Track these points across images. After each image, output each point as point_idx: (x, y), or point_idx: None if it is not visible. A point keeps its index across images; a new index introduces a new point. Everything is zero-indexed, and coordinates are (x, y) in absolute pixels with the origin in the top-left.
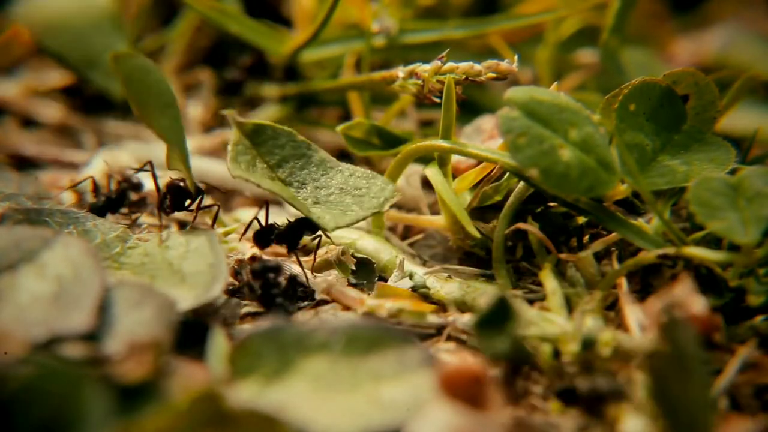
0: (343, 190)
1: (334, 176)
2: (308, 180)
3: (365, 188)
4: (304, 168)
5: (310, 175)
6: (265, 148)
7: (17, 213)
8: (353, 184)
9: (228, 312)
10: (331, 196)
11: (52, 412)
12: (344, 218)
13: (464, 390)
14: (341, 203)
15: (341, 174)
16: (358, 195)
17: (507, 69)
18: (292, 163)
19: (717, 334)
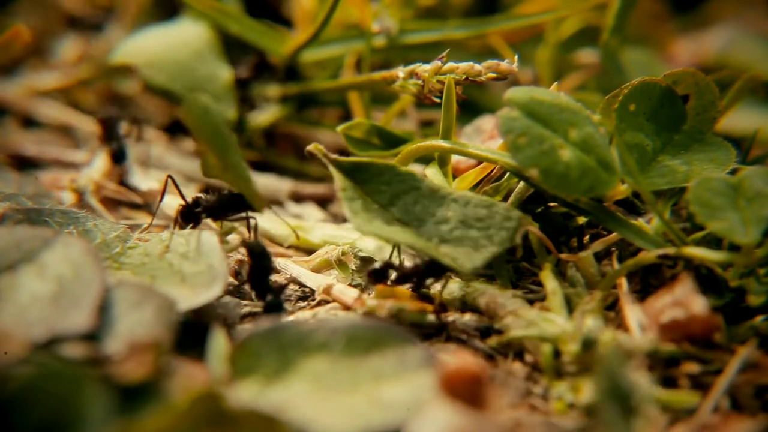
0: (465, 223)
1: (450, 207)
2: (425, 215)
3: (487, 218)
4: (417, 202)
5: (426, 210)
6: (371, 187)
7: (17, 213)
8: (473, 214)
9: (228, 312)
10: (454, 231)
11: (52, 412)
12: (479, 256)
13: (464, 390)
14: (468, 238)
15: (457, 204)
16: (483, 227)
17: (507, 69)
18: (404, 199)
19: (717, 334)
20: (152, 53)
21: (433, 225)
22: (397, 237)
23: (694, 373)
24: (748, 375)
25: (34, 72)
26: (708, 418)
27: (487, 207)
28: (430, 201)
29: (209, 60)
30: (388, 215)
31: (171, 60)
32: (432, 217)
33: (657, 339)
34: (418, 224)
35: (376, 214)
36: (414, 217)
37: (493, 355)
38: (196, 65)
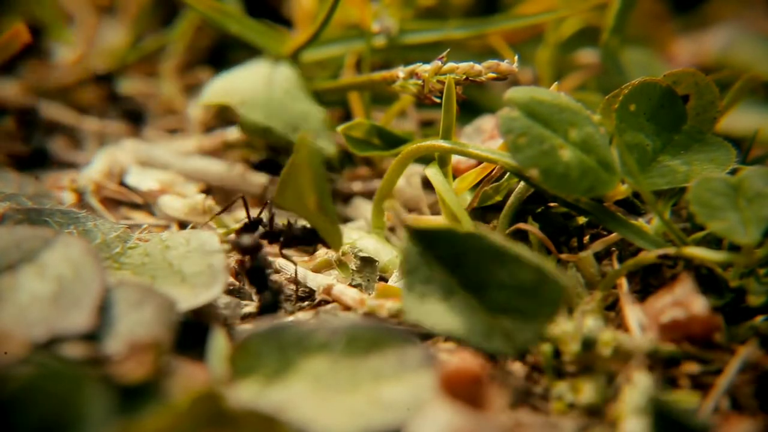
0: (519, 290)
1: (507, 270)
2: (487, 279)
3: (537, 284)
4: (479, 266)
5: (487, 273)
6: (437, 251)
7: (18, 213)
8: (524, 279)
9: (228, 312)
10: (510, 299)
11: (53, 412)
12: (529, 331)
13: (464, 390)
14: (520, 308)
15: (512, 266)
16: (533, 295)
17: (507, 69)
18: (467, 262)
19: (717, 334)
20: (245, 92)
21: (494, 291)
22: (451, 325)
23: (694, 373)
24: (748, 375)
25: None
26: (708, 418)
27: (537, 272)
28: (492, 263)
29: (301, 98)
30: (451, 282)
31: (265, 98)
32: (493, 282)
33: (657, 339)
34: (480, 293)
35: (435, 287)
36: (477, 282)
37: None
38: (289, 103)
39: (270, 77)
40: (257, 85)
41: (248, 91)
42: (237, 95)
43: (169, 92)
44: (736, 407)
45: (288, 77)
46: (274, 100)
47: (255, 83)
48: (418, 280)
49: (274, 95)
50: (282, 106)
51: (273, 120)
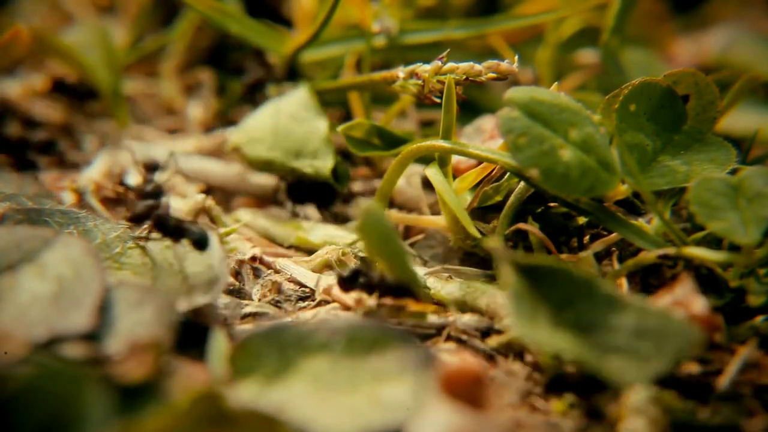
0: (638, 333)
1: (625, 315)
2: (598, 322)
3: (662, 331)
4: (591, 309)
5: (599, 317)
6: (543, 289)
7: (18, 213)
8: (648, 325)
9: (228, 312)
10: (625, 341)
11: (53, 412)
12: (648, 369)
13: (464, 390)
14: (639, 350)
15: (632, 313)
16: (657, 340)
17: (507, 69)
18: (577, 304)
19: (717, 334)
20: (254, 129)
21: (605, 333)
22: (561, 345)
23: (694, 373)
24: (748, 375)
25: (34, 72)
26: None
27: (664, 319)
28: (604, 308)
29: (305, 118)
30: (558, 319)
31: (269, 130)
32: (604, 325)
33: None
34: (588, 331)
35: (543, 316)
36: (586, 323)
37: (493, 355)
38: (293, 128)
39: (278, 105)
40: (265, 118)
41: (256, 126)
42: (247, 134)
43: (169, 92)
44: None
45: (294, 100)
46: (279, 129)
47: (264, 116)
48: (526, 308)
49: (279, 124)
50: (285, 133)
51: (274, 151)
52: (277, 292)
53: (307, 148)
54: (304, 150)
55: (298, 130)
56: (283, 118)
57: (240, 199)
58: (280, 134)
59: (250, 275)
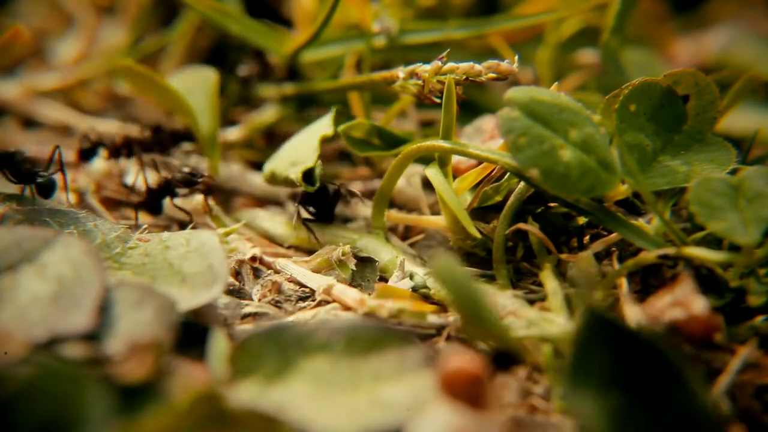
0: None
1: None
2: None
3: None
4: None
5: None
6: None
7: (18, 213)
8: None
9: (228, 312)
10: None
11: (53, 413)
12: None
13: (464, 390)
14: None
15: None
16: None
17: (507, 69)
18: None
19: (717, 334)
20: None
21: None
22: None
23: None
24: (748, 375)
25: (34, 72)
26: None
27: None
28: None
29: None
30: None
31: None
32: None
33: None
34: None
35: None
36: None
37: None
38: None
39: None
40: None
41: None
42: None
43: None
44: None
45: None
46: (297, 146)
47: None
48: (582, 362)
49: (298, 144)
50: (297, 149)
51: (281, 163)
52: (277, 292)
53: (302, 160)
54: (299, 161)
55: (302, 147)
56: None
57: (240, 199)
58: (294, 149)
59: (250, 275)
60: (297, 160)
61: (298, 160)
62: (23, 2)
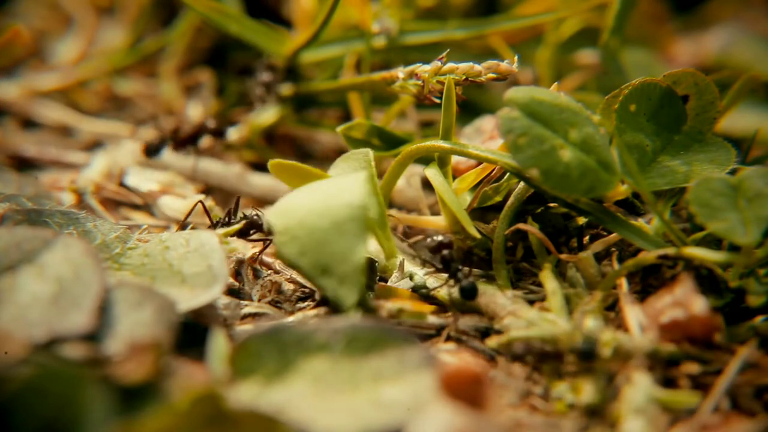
0: None
1: None
2: None
3: None
4: None
5: None
6: None
7: (18, 214)
8: None
9: (228, 313)
10: None
11: (53, 413)
12: None
13: (464, 390)
14: None
15: None
16: None
17: (507, 69)
18: None
19: (717, 334)
20: (294, 217)
21: None
22: None
23: (694, 373)
24: (748, 375)
25: (34, 72)
26: (708, 418)
27: None
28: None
29: (349, 232)
30: None
31: (308, 228)
32: None
33: (657, 339)
34: None
35: None
36: None
37: (493, 355)
38: (332, 238)
39: (330, 203)
40: (311, 211)
41: (298, 217)
42: (286, 220)
43: (168, 93)
44: (736, 407)
45: (349, 203)
46: (317, 231)
47: (311, 207)
48: None
49: (320, 226)
50: (322, 240)
51: (304, 258)
52: (277, 293)
53: (336, 269)
54: (333, 270)
55: (336, 244)
56: (326, 222)
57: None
58: (316, 239)
59: (249, 275)
60: (329, 267)
61: (331, 268)
62: (23, 2)
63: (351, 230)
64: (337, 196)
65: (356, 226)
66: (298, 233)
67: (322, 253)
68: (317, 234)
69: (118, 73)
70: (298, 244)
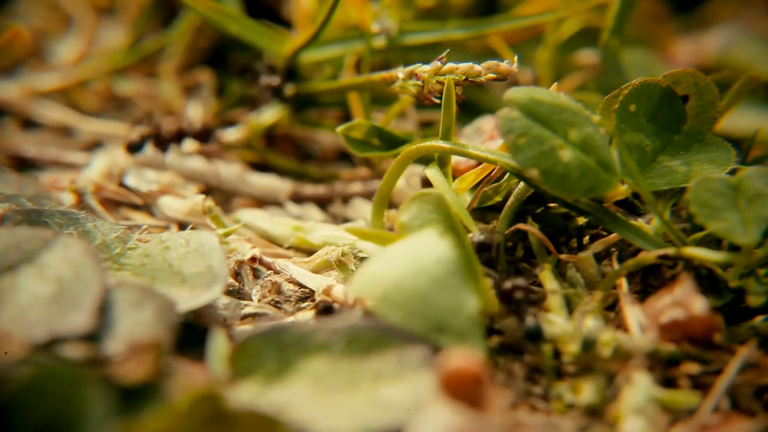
0: None
1: None
2: None
3: None
4: None
5: None
6: None
7: (18, 214)
8: None
9: (228, 313)
10: None
11: (53, 413)
12: None
13: (464, 390)
14: None
15: None
16: None
17: (507, 70)
18: None
19: (717, 334)
20: (388, 284)
21: None
22: None
23: (694, 373)
24: (748, 375)
25: (34, 72)
26: (708, 418)
27: None
28: None
29: (452, 287)
30: None
31: (407, 291)
32: None
33: (657, 339)
34: None
35: None
36: None
37: (493, 355)
38: (436, 296)
39: (421, 262)
40: (403, 275)
41: (392, 282)
42: (380, 288)
43: (168, 93)
44: (736, 407)
45: (441, 259)
46: (419, 292)
47: (402, 271)
48: None
49: (419, 287)
50: (426, 300)
51: (414, 320)
52: (277, 293)
53: (451, 325)
54: (447, 326)
55: (442, 300)
56: (424, 280)
57: (240, 199)
58: (419, 301)
59: (249, 276)
60: (443, 324)
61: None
62: (23, 2)
63: (452, 285)
64: (426, 254)
65: (456, 281)
66: (398, 299)
67: (430, 313)
68: (419, 296)
69: (118, 73)
70: (402, 310)
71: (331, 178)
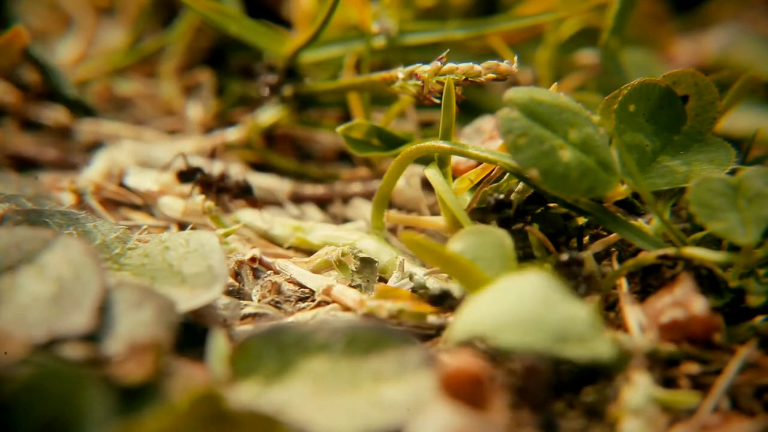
0: None
1: None
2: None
3: None
4: None
5: None
6: None
7: (18, 214)
8: None
9: (228, 313)
10: None
11: (53, 413)
12: None
13: (464, 390)
14: None
15: None
16: None
17: (507, 70)
18: None
19: (717, 334)
20: (493, 317)
21: None
22: None
23: (694, 373)
24: (748, 375)
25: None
26: (708, 418)
27: None
28: None
29: (558, 302)
30: None
31: (516, 316)
32: None
33: (657, 339)
34: None
35: None
36: None
37: (493, 355)
38: (546, 313)
39: (518, 292)
40: (505, 305)
41: (500, 314)
42: (487, 322)
43: (168, 93)
44: (736, 407)
45: (535, 284)
46: (528, 315)
47: (504, 306)
48: None
49: (527, 311)
50: (537, 319)
51: (530, 337)
52: (277, 293)
53: (572, 332)
54: (569, 334)
55: (554, 315)
56: (529, 305)
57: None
58: (531, 320)
59: (249, 276)
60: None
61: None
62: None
63: (557, 300)
64: (520, 286)
65: (559, 296)
66: (510, 324)
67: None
68: (530, 318)
69: (118, 74)
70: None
71: (331, 178)
